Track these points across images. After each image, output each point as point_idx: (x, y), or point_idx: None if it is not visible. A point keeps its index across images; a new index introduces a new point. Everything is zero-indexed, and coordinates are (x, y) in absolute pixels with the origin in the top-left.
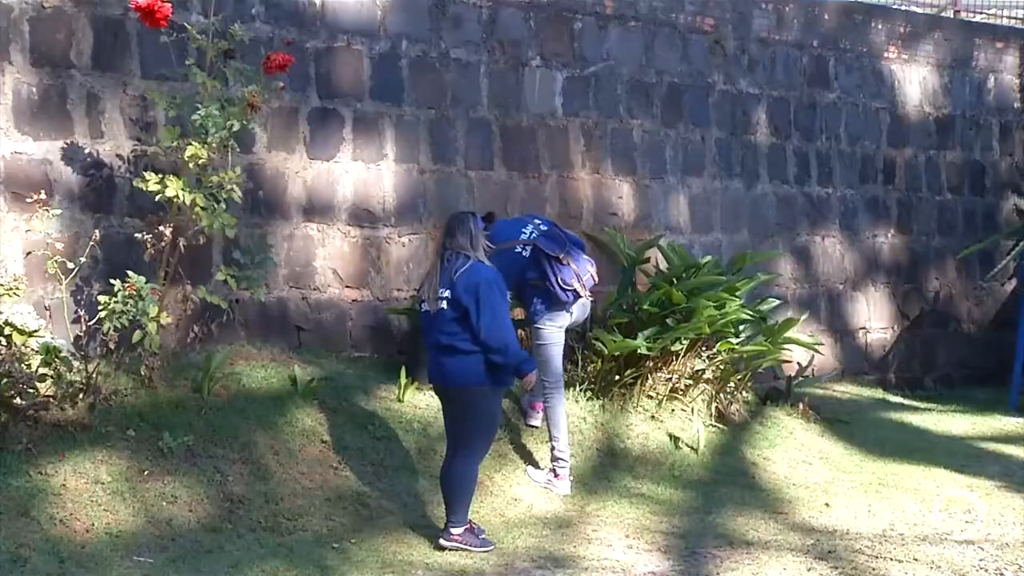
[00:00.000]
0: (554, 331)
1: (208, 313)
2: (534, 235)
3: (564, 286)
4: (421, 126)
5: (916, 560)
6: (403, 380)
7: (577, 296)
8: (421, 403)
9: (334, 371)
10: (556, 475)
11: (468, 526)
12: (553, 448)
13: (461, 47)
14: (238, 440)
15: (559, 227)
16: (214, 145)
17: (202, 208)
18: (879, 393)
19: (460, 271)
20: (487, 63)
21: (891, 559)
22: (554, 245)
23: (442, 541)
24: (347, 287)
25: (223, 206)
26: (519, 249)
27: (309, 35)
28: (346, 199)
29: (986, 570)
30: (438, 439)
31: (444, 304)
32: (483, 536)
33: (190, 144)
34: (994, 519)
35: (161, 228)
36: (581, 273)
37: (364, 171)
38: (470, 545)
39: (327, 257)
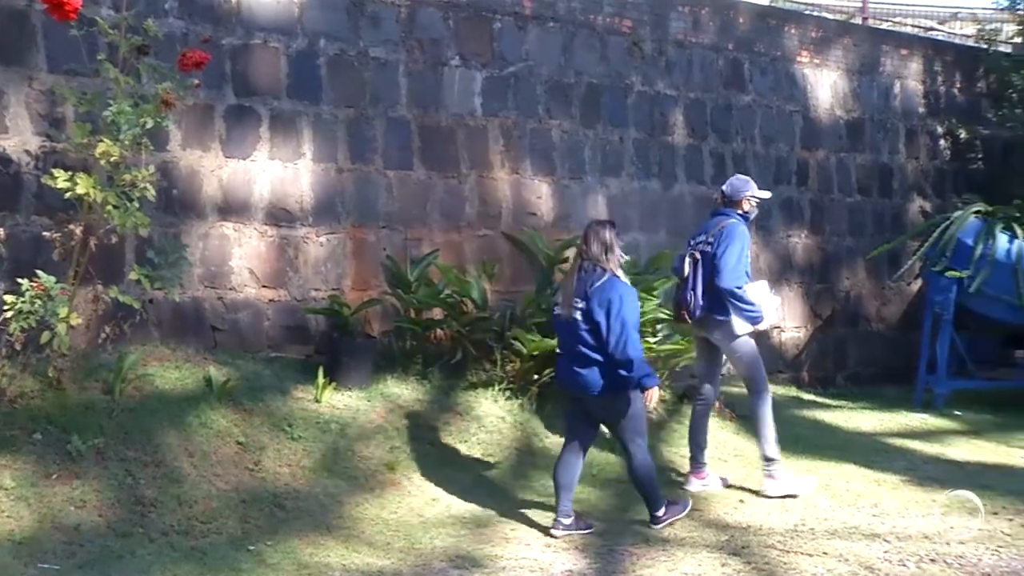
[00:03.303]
0: (745, 339)
1: (121, 313)
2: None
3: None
4: (339, 125)
5: (826, 554)
6: (321, 380)
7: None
8: (339, 403)
9: (250, 371)
10: (772, 477)
11: (668, 501)
12: (763, 450)
13: (380, 46)
14: (151, 442)
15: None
16: (127, 142)
17: (114, 207)
18: (793, 391)
19: (596, 284)
20: (406, 62)
21: (802, 553)
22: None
23: (653, 527)
24: (264, 287)
25: (136, 205)
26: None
27: (225, 32)
28: (263, 198)
29: (890, 561)
30: (356, 439)
31: (579, 315)
32: (676, 510)
33: (101, 141)
34: (899, 512)
35: (71, 226)
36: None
37: (281, 170)
38: (677, 515)
39: (243, 256)
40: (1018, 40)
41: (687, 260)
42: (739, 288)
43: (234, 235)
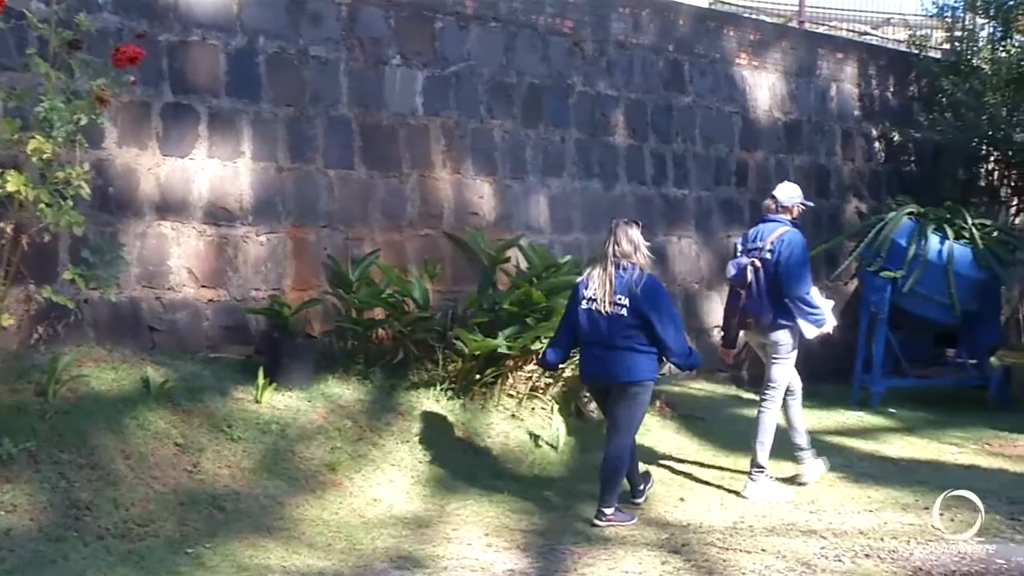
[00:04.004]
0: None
1: (54, 313)
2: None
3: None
4: (279, 124)
5: (764, 551)
6: (261, 381)
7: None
8: (279, 404)
9: (189, 372)
10: (803, 463)
11: (618, 508)
12: (795, 445)
13: (320, 44)
14: (86, 445)
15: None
16: (59, 140)
17: (47, 205)
18: (732, 390)
19: (639, 283)
20: (347, 61)
21: (740, 550)
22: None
23: (598, 522)
24: (203, 287)
25: (70, 203)
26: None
27: (161, 28)
28: (201, 197)
29: (827, 557)
30: (296, 440)
31: (623, 311)
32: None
33: (33, 138)
34: (835, 509)
35: (1, 225)
36: None
37: (220, 169)
38: (623, 522)
39: (182, 256)
40: (947, 46)
41: (748, 268)
42: (807, 294)
43: (172, 234)
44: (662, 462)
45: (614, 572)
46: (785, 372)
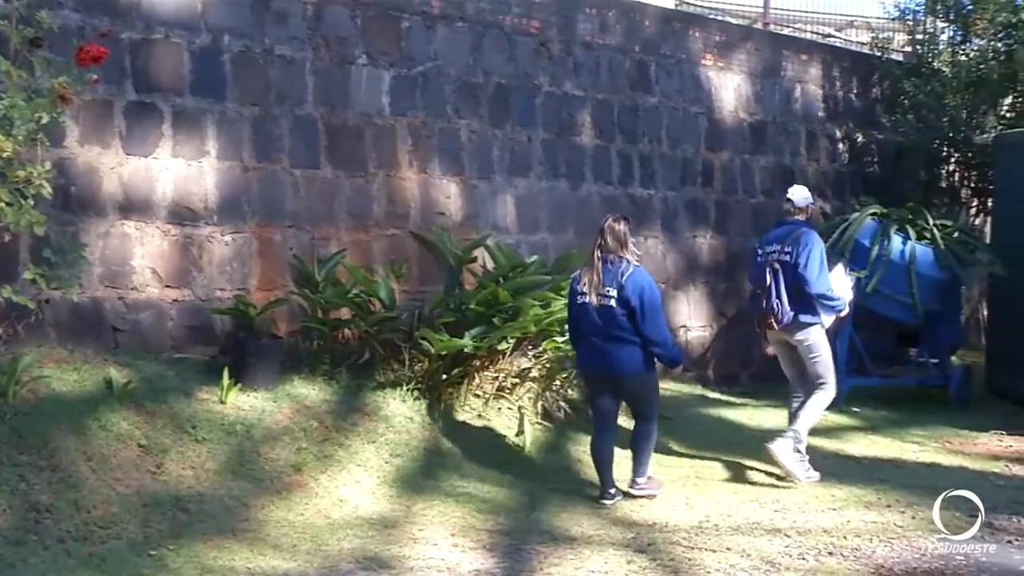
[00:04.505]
0: (825, 342)
1: (15, 314)
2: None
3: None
4: (244, 123)
5: (729, 550)
6: (226, 382)
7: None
8: (245, 405)
9: (153, 373)
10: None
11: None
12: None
13: (286, 43)
14: (46, 446)
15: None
16: (20, 138)
17: (7, 204)
18: (699, 389)
19: (626, 275)
20: (312, 60)
21: (706, 549)
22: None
23: (632, 490)
24: (167, 286)
25: (31, 202)
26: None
27: (124, 26)
28: (166, 196)
29: (791, 555)
30: (262, 441)
31: (613, 302)
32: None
33: None
34: (799, 508)
35: None
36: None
37: (185, 168)
38: (654, 490)
39: (146, 256)
40: (909, 49)
41: (767, 270)
42: (829, 290)
43: (136, 234)
44: (628, 462)
45: (580, 572)
46: (828, 364)
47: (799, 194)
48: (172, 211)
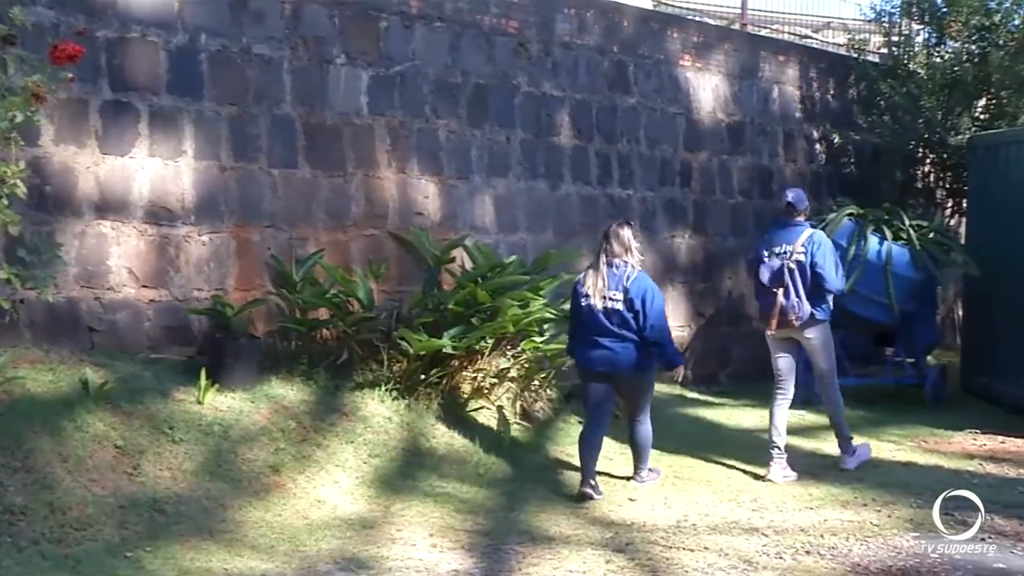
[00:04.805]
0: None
1: None
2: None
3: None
4: (222, 122)
5: (707, 549)
6: (203, 382)
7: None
8: (222, 405)
9: (130, 373)
10: (773, 462)
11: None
12: (772, 443)
13: (263, 43)
14: (21, 448)
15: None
16: None
17: None
18: (676, 389)
19: (631, 278)
20: (290, 59)
21: (684, 548)
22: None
23: (636, 481)
24: (144, 287)
25: (5, 202)
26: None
27: (100, 24)
28: (142, 196)
29: (768, 555)
30: (239, 442)
31: (619, 305)
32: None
33: None
34: (777, 506)
35: None
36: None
37: (162, 167)
38: (654, 480)
39: (122, 256)
40: (885, 51)
41: (784, 270)
42: (844, 288)
43: (112, 234)
44: (607, 462)
45: (558, 571)
46: (832, 359)
47: (798, 196)
48: (149, 211)
